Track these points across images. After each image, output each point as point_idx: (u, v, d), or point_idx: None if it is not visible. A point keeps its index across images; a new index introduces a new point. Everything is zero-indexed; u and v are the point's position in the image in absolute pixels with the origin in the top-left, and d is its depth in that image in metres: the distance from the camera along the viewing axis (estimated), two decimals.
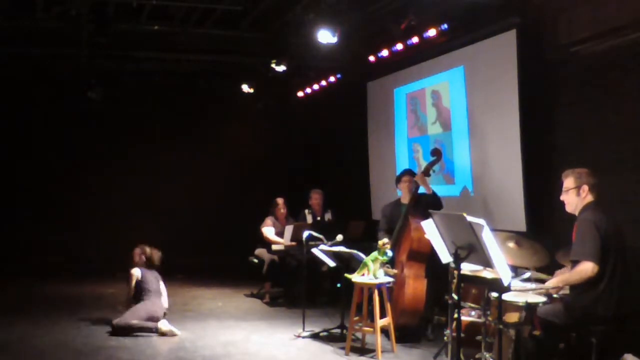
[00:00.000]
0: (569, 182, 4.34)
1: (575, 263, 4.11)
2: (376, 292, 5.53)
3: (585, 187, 4.27)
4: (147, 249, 6.86)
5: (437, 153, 6.55)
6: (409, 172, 6.70)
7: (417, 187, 6.43)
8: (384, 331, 5.65)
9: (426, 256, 5.99)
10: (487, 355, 4.51)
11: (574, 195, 4.30)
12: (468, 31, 6.89)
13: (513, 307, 4.40)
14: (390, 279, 5.73)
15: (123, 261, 6.85)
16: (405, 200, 6.51)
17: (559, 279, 4.23)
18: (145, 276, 6.62)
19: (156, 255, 6.88)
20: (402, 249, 6.18)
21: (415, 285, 5.98)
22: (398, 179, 6.74)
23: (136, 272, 6.65)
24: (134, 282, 6.60)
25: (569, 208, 4.35)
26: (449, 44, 7.22)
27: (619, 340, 4.16)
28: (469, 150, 7.00)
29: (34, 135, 10.15)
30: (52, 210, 10.06)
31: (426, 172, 6.45)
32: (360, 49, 8.34)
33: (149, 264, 6.79)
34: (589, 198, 4.26)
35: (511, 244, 4.79)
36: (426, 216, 4.50)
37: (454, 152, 7.25)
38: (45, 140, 10.21)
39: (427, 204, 6.10)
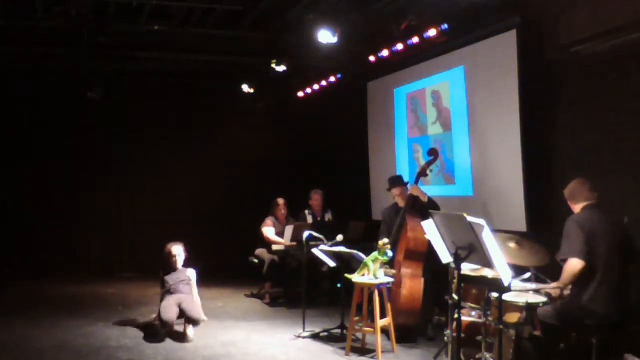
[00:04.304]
0: None
1: (563, 262, 4.17)
2: (376, 292, 5.53)
3: (568, 202, 4.45)
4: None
5: (433, 152, 6.55)
6: (399, 183, 6.66)
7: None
8: (384, 331, 5.66)
9: (423, 255, 6.00)
10: (487, 355, 4.51)
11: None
12: (468, 31, 6.89)
13: (513, 307, 4.40)
14: (390, 279, 5.73)
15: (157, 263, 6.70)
16: (402, 204, 6.50)
17: (558, 282, 4.25)
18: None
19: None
20: (399, 249, 6.19)
21: (412, 285, 5.98)
22: (388, 189, 6.70)
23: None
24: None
25: None
26: (449, 44, 7.22)
27: (619, 340, 4.17)
28: (469, 150, 7.00)
29: (33, 135, 10.14)
30: (52, 210, 10.05)
31: (423, 172, 6.45)
32: (360, 49, 8.34)
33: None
34: (579, 206, 4.36)
35: (511, 244, 4.79)
36: (424, 215, 4.50)
37: (454, 152, 7.24)
38: (45, 140, 10.20)
39: (423, 205, 6.12)
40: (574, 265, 4.07)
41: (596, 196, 4.34)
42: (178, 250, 6.59)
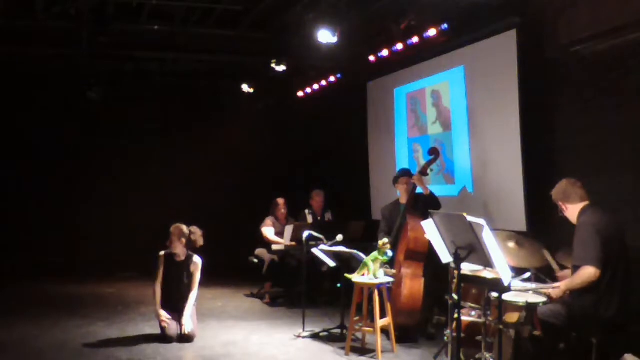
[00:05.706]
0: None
1: (577, 268, 4.12)
2: (376, 292, 5.53)
3: (560, 203, 4.40)
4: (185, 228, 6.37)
5: (434, 152, 6.56)
6: (407, 174, 6.69)
7: (415, 187, 6.44)
8: (384, 331, 5.65)
9: (423, 255, 6.01)
10: (487, 355, 4.50)
11: (563, 213, 4.43)
12: (468, 31, 6.89)
13: (513, 307, 4.40)
14: (390, 279, 5.73)
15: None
16: (404, 200, 6.52)
17: (561, 284, 4.23)
18: None
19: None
20: (400, 249, 6.18)
21: (412, 285, 5.98)
22: (395, 180, 6.75)
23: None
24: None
25: (571, 221, 4.41)
26: (449, 44, 7.22)
27: (619, 340, 4.16)
28: (469, 150, 7.00)
29: (33, 135, 10.14)
30: (51, 210, 10.06)
31: (424, 172, 6.45)
32: (360, 49, 8.34)
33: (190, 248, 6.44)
34: (577, 206, 4.32)
35: (511, 244, 4.79)
36: (425, 216, 4.50)
37: (454, 152, 7.25)
38: (45, 140, 10.20)
39: (425, 204, 6.11)
40: (589, 273, 4.01)
41: (587, 194, 4.33)
42: (176, 228, 6.30)
